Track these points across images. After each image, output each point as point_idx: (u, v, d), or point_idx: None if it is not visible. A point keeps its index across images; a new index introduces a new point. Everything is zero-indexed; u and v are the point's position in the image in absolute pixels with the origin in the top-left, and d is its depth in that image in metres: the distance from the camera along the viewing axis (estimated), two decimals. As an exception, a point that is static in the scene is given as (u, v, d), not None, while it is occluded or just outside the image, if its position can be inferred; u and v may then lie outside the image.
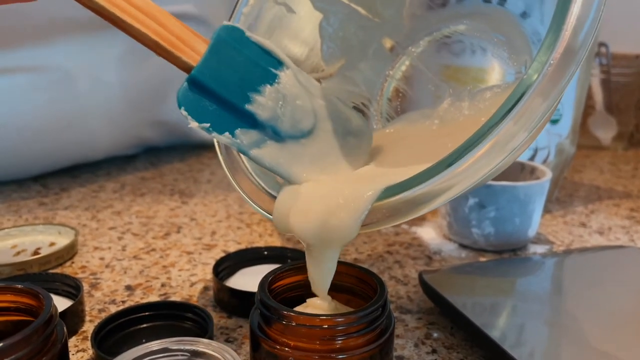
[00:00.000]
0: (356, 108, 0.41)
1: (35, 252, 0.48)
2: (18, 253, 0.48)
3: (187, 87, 0.28)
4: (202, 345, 0.27)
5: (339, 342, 0.28)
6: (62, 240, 0.50)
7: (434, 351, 0.36)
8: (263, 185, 0.34)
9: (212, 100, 0.29)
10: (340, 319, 0.29)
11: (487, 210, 0.48)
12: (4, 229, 0.51)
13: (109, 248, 0.50)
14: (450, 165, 0.25)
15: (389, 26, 0.43)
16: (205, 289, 0.43)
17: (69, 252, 0.48)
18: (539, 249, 0.51)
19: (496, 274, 0.43)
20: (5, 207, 0.61)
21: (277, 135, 0.30)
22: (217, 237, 0.53)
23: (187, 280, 0.45)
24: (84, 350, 0.35)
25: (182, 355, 0.28)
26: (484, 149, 0.24)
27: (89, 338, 0.35)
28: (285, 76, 0.30)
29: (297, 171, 0.31)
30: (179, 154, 0.83)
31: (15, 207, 0.60)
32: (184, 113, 0.28)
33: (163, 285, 0.44)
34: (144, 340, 0.35)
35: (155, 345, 0.27)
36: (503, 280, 0.42)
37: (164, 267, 0.47)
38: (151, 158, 0.81)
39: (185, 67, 0.29)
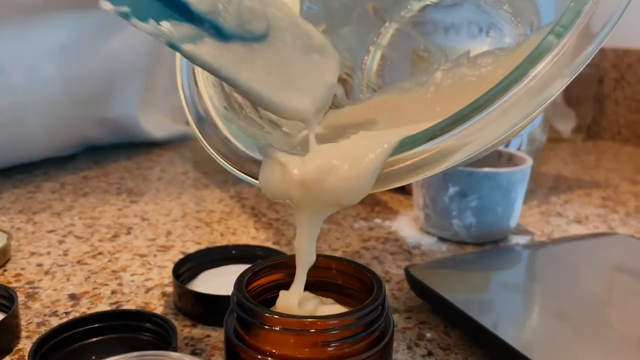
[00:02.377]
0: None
1: (-41, 260, 0.41)
2: (-62, 262, 0.41)
3: None
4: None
5: (333, 348, 0.24)
6: (-8, 246, 0.44)
7: (429, 353, 0.32)
8: (241, 147, 0.30)
9: None
10: (334, 322, 0.24)
11: (468, 200, 0.45)
12: None
13: (48, 253, 0.44)
14: (480, 109, 0.22)
15: None
16: (164, 294, 0.38)
17: (0, 259, 0.42)
18: (520, 240, 0.49)
19: (487, 266, 0.39)
20: None
21: (219, 34, 0.25)
22: (173, 237, 0.48)
23: (142, 285, 0.39)
24: (19, 372, 0.30)
25: (144, 373, 0.22)
26: (519, 92, 0.22)
27: (26, 357, 0.29)
28: None
29: (247, 77, 0.26)
30: (125, 151, 0.77)
31: (-64, 211, 0.53)
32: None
33: (114, 292, 0.38)
34: (93, 358, 0.30)
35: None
36: (496, 272, 0.39)
37: (114, 272, 0.41)
38: (94, 156, 0.74)
39: None
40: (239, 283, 0.26)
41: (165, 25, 0.24)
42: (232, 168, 0.30)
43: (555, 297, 0.35)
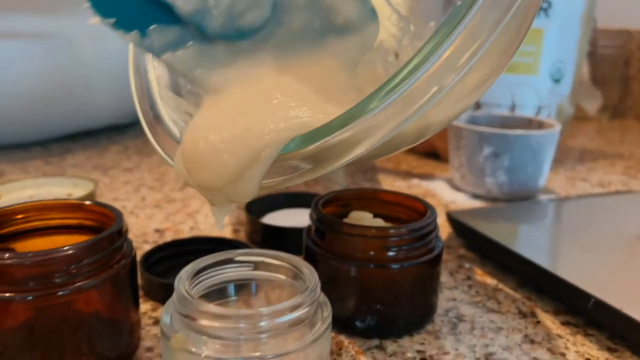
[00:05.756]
0: None
1: (55, 201, 0.48)
2: (37, 202, 0.48)
3: None
4: (269, 256, 0.28)
5: (393, 253, 0.29)
6: (79, 192, 0.50)
7: (468, 278, 0.37)
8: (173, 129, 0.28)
9: None
10: (395, 231, 0.30)
11: (501, 159, 0.50)
12: (18, 180, 0.50)
13: (129, 199, 0.50)
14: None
15: None
16: (235, 231, 0.44)
17: (89, 201, 0.48)
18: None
19: (518, 213, 0.44)
20: (11, 166, 0.60)
21: (203, 35, 0.23)
22: (234, 190, 0.54)
23: (215, 224, 0.45)
24: (127, 281, 0.36)
25: (247, 266, 0.28)
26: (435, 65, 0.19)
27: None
28: None
29: (216, 81, 0.24)
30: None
31: (21, 166, 0.59)
32: (87, 4, 0.23)
33: (192, 228, 0.44)
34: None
35: (220, 255, 0.28)
36: (526, 217, 0.44)
37: (189, 214, 0.47)
38: (149, 125, 0.80)
39: None
40: (316, 203, 0.32)
41: (151, 29, 0.23)
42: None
43: (577, 233, 0.40)
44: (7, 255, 0.24)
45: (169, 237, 0.42)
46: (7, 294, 0.24)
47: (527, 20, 0.23)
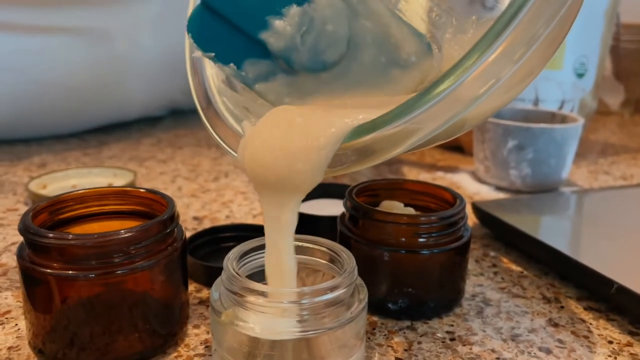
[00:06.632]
0: None
1: (97, 190, 0.50)
2: (80, 191, 0.50)
3: (199, 10, 0.26)
4: (308, 241, 0.30)
5: (424, 239, 0.31)
6: (119, 182, 0.52)
7: (494, 265, 0.39)
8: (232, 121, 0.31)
9: (224, 26, 0.26)
10: (425, 219, 0.31)
11: (525, 152, 0.51)
12: (62, 170, 0.53)
13: (166, 189, 0.53)
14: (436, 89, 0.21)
15: None
16: (269, 219, 0.46)
17: (129, 191, 0.50)
18: (570, 191, 0.55)
19: (541, 204, 0.46)
20: (52, 156, 0.62)
21: (290, 67, 0.26)
22: (264, 181, 0.56)
23: (249, 212, 0.47)
24: (170, 265, 0.38)
25: (287, 250, 0.30)
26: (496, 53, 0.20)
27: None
28: None
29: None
30: (205, 115, 0.85)
31: (61, 157, 0.62)
32: (190, 40, 0.26)
33: (228, 216, 0.46)
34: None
35: (264, 239, 0.30)
36: (548, 208, 0.45)
37: (223, 203, 0.49)
38: (179, 118, 0.83)
39: None
40: (350, 192, 0.34)
41: (246, 63, 0.26)
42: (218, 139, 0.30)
43: (600, 223, 0.41)
44: (70, 236, 0.26)
45: (206, 224, 0.44)
46: (71, 272, 0.26)
47: (572, 14, 0.24)
